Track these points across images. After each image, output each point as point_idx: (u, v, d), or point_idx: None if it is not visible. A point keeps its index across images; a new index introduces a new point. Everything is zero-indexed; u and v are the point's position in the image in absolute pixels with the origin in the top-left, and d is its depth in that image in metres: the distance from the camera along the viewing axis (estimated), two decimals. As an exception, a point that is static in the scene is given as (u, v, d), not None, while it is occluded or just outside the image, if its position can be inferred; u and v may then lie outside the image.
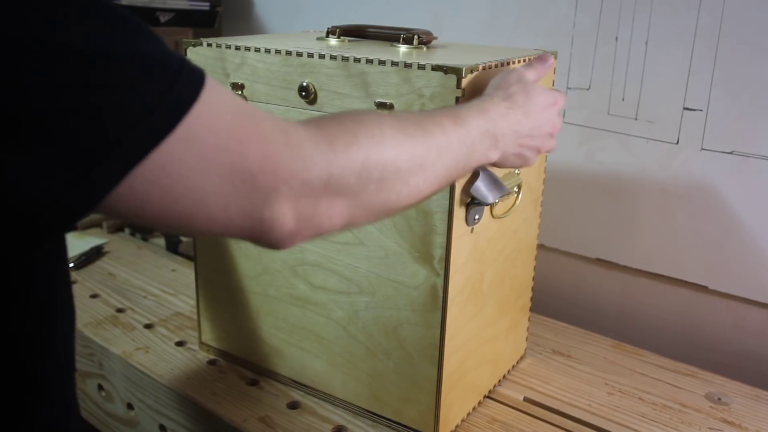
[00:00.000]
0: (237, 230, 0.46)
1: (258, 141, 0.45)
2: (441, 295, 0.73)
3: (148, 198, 0.41)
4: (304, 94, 0.76)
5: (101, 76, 0.39)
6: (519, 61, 0.77)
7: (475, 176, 0.72)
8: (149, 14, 1.36)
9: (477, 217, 0.74)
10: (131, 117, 0.39)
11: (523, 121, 0.66)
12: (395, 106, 0.71)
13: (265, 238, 0.48)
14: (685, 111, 1.02)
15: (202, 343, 0.96)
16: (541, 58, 0.75)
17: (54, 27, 0.38)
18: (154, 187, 0.41)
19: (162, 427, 0.91)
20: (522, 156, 0.68)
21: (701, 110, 1.00)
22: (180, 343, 0.98)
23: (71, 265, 1.19)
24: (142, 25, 0.43)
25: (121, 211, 0.42)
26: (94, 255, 1.25)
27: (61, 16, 0.38)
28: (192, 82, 0.43)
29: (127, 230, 1.36)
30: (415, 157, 0.55)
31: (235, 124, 0.44)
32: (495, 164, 0.66)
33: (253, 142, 0.45)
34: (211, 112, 0.43)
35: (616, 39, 1.06)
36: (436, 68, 0.67)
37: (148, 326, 1.02)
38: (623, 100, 1.07)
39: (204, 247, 0.91)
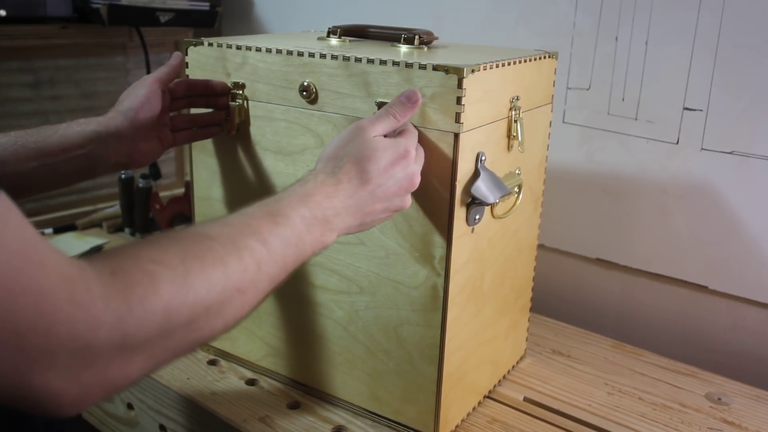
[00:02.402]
0: (2, 396, 0.39)
1: (34, 293, 0.38)
2: (441, 295, 0.73)
3: None
4: (305, 93, 0.76)
5: None
6: (519, 61, 0.77)
7: (476, 176, 0.72)
8: (149, 14, 1.36)
9: (477, 217, 0.74)
10: None
11: (358, 192, 0.62)
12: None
13: (40, 408, 0.41)
14: (685, 111, 1.02)
15: (202, 343, 0.96)
16: (406, 95, 0.67)
17: None
18: None
19: (162, 427, 0.91)
20: (374, 221, 0.65)
21: (701, 110, 1.00)
22: (180, 343, 0.98)
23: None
24: None
25: None
26: (94, 255, 1.25)
27: None
28: None
29: (127, 230, 1.35)
30: (229, 285, 0.49)
31: (10, 266, 0.37)
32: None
33: (28, 293, 0.38)
34: None
35: (616, 39, 1.06)
36: (437, 68, 0.67)
37: (148, 326, 1.02)
38: (623, 100, 1.07)
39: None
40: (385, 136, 0.67)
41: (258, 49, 0.79)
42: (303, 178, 0.63)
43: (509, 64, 0.74)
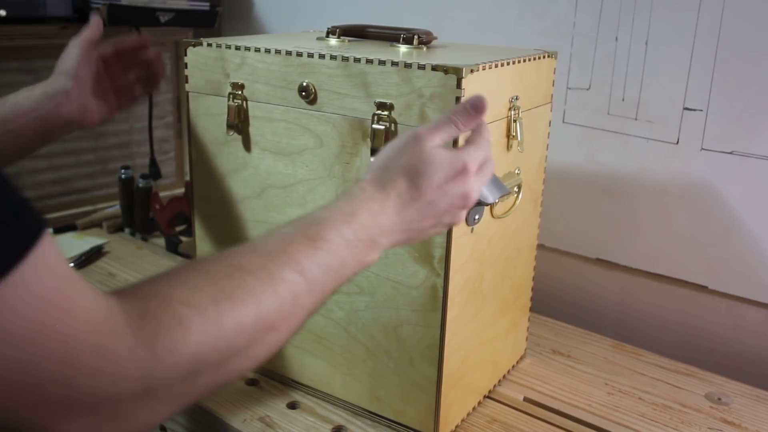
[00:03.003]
0: None
1: (60, 341, 0.36)
2: (441, 295, 0.73)
3: None
4: (304, 94, 0.76)
5: None
6: (518, 61, 0.76)
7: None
8: (149, 14, 1.36)
9: (477, 217, 0.74)
10: None
11: (407, 209, 0.58)
12: (395, 106, 0.71)
13: None
14: (685, 111, 1.02)
15: (202, 343, 0.96)
16: (471, 103, 0.62)
17: None
18: None
19: (162, 427, 0.91)
20: (421, 237, 0.61)
21: (701, 110, 1.00)
22: (180, 343, 0.98)
23: (71, 265, 1.19)
24: None
25: None
26: (94, 255, 1.25)
27: None
28: (20, 241, 0.35)
29: (127, 230, 1.36)
30: (261, 324, 0.46)
31: (43, 314, 0.36)
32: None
33: (53, 341, 0.36)
34: (19, 294, 0.35)
35: (616, 39, 1.06)
36: (436, 68, 0.67)
37: (148, 326, 1.02)
38: (623, 100, 1.07)
39: (204, 247, 0.91)
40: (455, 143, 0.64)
41: (257, 50, 0.79)
42: (349, 191, 0.58)
43: (508, 63, 0.74)
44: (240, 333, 0.45)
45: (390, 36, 0.83)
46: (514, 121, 0.77)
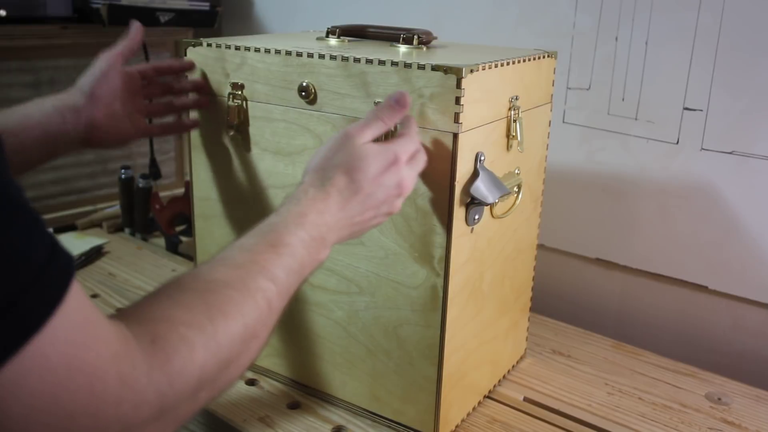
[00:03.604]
0: None
1: (89, 373, 0.38)
2: (441, 295, 0.73)
3: None
4: (303, 94, 0.76)
5: None
6: (518, 61, 0.76)
7: (475, 176, 0.72)
8: (149, 14, 1.36)
9: (477, 217, 0.74)
10: None
11: (349, 204, 0.62)
12: (395, 106, 0.71)
13: None
14: (685, 111, 1.02)
15: (202, 343, 0.96)
16: (395, 99, 0.66)
17: None
18: None
19: (162, 427, 0.91)
20: (364, 230, 0.65)
21: (701, 110, 1.00)
22: (180, 343, 0.98)
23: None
24: (14, 203, 0.36)
25: None
26: (94, 255, 1.25)
27: None
28: (57, 285, 0.37)
29: (127, 230, 1.36)
30: (248, 334, 0.50)
31: (76, 349, 0.38)
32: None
33: (83, 373, 0.38)
34: (56, 334, 0.36)
35: (616, 39, 1.06)
36: (436, 68, 0.67)
37: (148, 326, 1.02)
38: (623, 100, 1.07)
39: (204, 247, 0.92)
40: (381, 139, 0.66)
41: (257, 50, 0.79)
42: (294, 194, 0.61)
43: (508, 63, 0.74)
44: (232, 345, 0.48)
45: (390, 36, 0.83)
46: (514, 121, 0.77)
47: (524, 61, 0.78)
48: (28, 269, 0.36)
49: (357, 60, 0.72)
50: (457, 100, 0.67)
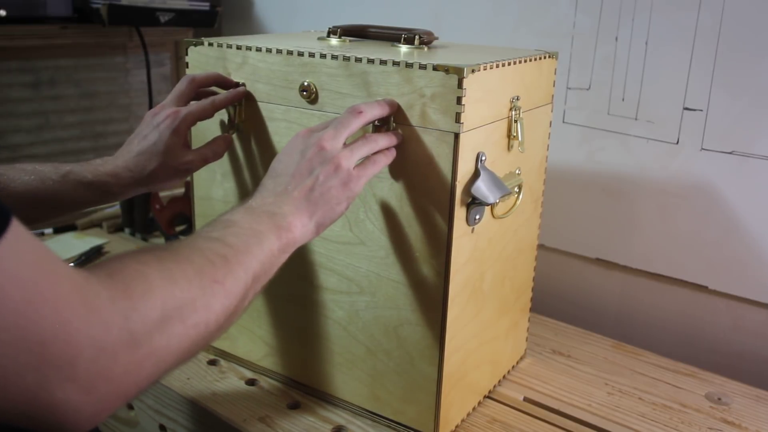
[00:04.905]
0: (13, 415, 0.39)
1: (52, 302, 0.39)
2: (441, 295, 0.73)
3: None
4: (305, 93, 0.76)
5: None
6: (519, 61, 0.77)
7: (476, 176, 0.72)
8: (149, 14, 1.36)
9: (477, 217, 0.74)
10: None
11: (279, 178, 0.65)
12: (396, 105, 0.71)
13: (58, 426, 0.41)
14: (685, 111, 1.02)
15: (202, 343, 0.96)
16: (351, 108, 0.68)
17: None
18: None
19: (162, 427, 0.91)
20: (334, 214, 0.66)
21: (701, 110, 1.00)
22: (180, 343, 0.98)
23: (71, 265, 1.19)
24: None
25: None
26: (94, 255, 1.25)
27: None
28: None
29: (127, 230, 1.35)
30: (205, 278, 0.52)
31: (31, 282, 0.39)
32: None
33: (46, 302, 0.39)
34: (5, 266, 0.38)
35: (616, 39, 1.06)
36: (437, 68, 0.67)
37: (148, 326, 1.02)
38: (623, 100, 1.07)
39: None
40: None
41: (258, 49, 0.79)
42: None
43: (509, 64, 0.74)
44: (189, 284, 0.50)
45: (391, 36, 0.83)
46: (515, 121, 0.77)
47: (525, 61, 0.78)
48: None
49: (358, 60, 0.72)
50: (459, 100, 0.67)
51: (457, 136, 0.68)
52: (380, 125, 0.72)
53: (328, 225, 0.66)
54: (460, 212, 0.72)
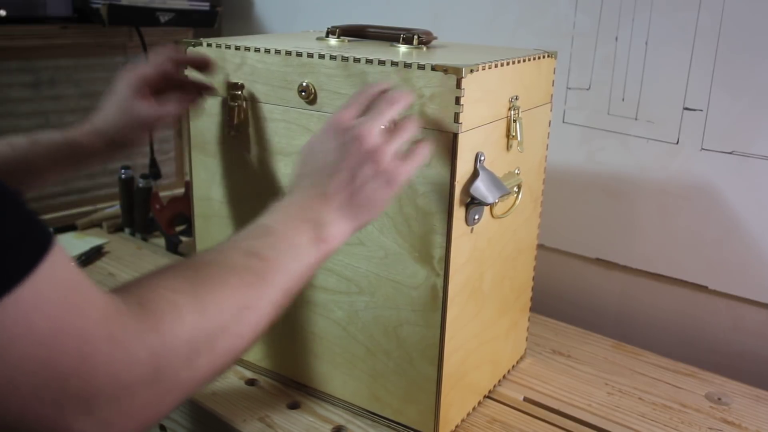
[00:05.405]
0: None
1: (77, 335, 0.39)
2: (441, 295, 0.73)
3: None
4: (303, 94, 0.76)
5: None
6: (518, 61, 0.76)
7: (475, 176, 0.72)
8: (149, 14, 1.36)
9: (477, 217, 0.74)
10: None
11: (317, 185, 0.62)
12: (395, 106, 0.71)
13: None
14: (685, 111, 1.02)
15: (202, 343, 0.96)
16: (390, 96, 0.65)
17: None
18: None
19: (162, 427, 0.91)
20: (370, 200, 0.62)
21: (701, 110, 1.00)
22: (180, 343, 0.98)
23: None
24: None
25: None
26: (94, 255, 1.25)
27: None
28: (34, 249, 0.38)
29: (127, 230, 1.36)
30: (237, 303, 0.50)
31: (60, 313, 0.38)
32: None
33: (71, 335, 0.38)
34: (36, 296, 0.37)
35: (616, 39, 1.06)
36: (436, 68, 0.67)
37: (148, 326, 1.02)
38: (623, 100, 1.07)
39: (204, 247, 0.91)
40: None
41: (257, 50, 0.79)
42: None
43: (508, 63, 0.74)
44: (221, 311, 0.49)
45: (390, 36, 0.83)
46: (514, 121, 0.77)
47: (524, 61, 0.78)
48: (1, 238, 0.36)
49: (357, 60, 0.72)
50: (457, 100, 0.67)
51: (455, 136, 0.68)
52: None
53: (365, 226, 0.65)
54: (459, 212, 0.72)
